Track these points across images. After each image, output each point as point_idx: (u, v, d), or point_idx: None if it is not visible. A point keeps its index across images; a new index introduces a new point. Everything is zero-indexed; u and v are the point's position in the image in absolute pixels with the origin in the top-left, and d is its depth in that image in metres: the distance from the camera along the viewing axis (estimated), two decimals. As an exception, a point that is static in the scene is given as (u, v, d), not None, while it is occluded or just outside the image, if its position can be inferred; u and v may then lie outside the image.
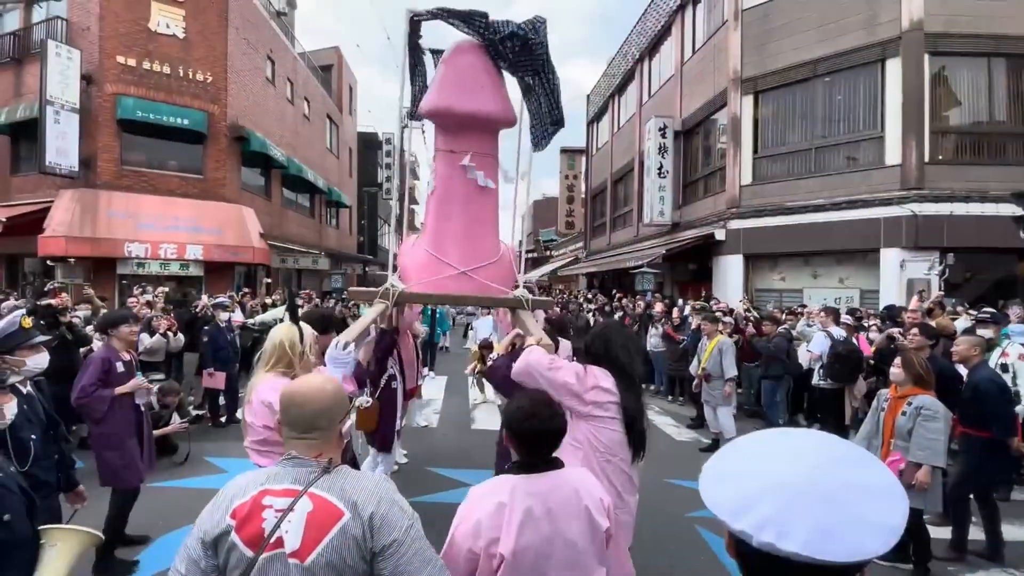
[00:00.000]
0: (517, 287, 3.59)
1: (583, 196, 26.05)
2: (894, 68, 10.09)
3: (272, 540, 1.24)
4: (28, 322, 2.59)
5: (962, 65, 9.99)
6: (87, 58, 12.25)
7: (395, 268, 3.73)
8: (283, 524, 1.25)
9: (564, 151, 35.27)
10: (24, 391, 2.43)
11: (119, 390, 3.53)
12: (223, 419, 7.12)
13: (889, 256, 9.97)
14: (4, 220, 11.30)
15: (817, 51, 10.96)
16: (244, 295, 10.34)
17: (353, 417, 1.47)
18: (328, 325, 3.05)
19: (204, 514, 1.33)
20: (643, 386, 2.76)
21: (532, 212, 42.58)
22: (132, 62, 12.69)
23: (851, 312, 8.41)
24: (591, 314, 11.80)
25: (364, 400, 3.22)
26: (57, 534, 1.91)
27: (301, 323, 2.37)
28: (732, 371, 6.10)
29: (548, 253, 36.54)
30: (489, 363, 3.06)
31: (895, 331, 6.07)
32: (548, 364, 2.25)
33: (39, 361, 2.63)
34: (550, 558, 1.54)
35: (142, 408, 3.75)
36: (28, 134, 12.29)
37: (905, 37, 9.86)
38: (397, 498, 1.35)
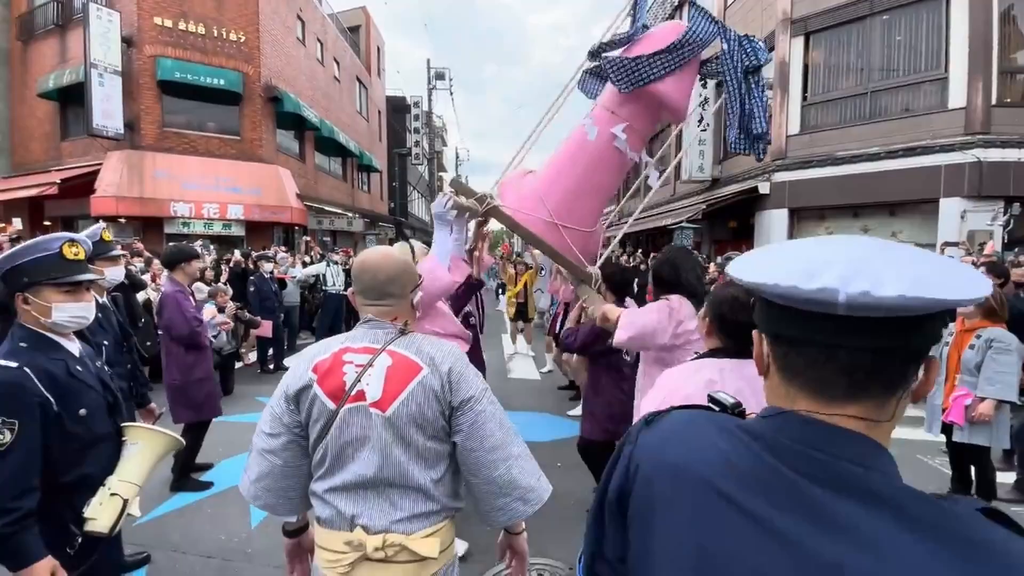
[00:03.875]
0: (594, 264, 3.45)
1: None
2: (960, 4, 9.30)
3: (353, 392, 1.27)
4: (108, 235, 2.73)
5: (1037, -2, 9.15)
6: (126, 20, 12.39)
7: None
8: (363, 378, 1.28)
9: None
10: (100, 301, 2.53)
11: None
12: (271, 366, 7.40)
13: (949, 206, 9.42)
14: (58, 181, 11.77)
15: (876, -14, 10.20)
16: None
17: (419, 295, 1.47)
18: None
19: (287, 374, 1.38)
20: None
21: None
22: (168, 23, 12.78)
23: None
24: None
25: None
26: (139, 432, 1.88)
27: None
28: None
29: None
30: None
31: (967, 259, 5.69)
32: (651, 331, 2.34)
33: (116, 273, 2.81)
34: None
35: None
36: (75, 99, 12.64)
37: (976, -33, 9.06)
38: (470, 365, 1.39)
